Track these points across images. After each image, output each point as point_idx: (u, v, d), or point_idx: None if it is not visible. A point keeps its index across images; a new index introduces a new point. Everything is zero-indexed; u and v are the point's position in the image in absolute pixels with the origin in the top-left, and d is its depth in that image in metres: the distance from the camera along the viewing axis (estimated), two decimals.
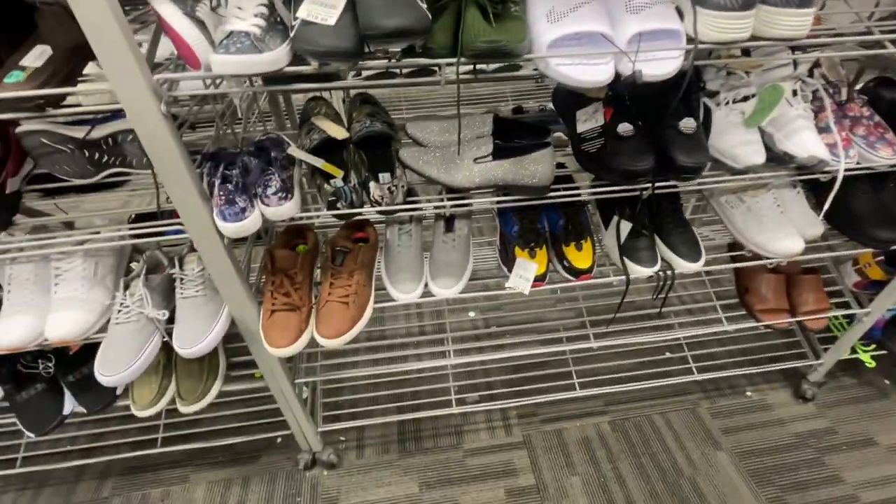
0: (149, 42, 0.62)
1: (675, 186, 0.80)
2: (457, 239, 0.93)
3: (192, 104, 0.74)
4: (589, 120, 0.79)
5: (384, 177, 0.72)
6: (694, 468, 1.22)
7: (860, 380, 1.41)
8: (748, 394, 1.39)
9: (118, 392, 0.94)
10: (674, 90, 0.82)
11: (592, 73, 0.61)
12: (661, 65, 0.62)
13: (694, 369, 1.32)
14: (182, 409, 0.94)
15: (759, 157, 0.79)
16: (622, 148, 0.76)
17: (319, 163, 0.73)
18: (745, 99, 0.82)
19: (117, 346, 0.80)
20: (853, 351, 1.34)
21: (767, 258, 0.98)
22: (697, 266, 0.95)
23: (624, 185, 0.79)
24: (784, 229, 0.96)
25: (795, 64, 0.81)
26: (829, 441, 1.27)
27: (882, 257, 1.17)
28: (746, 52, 0.83)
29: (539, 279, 0.91)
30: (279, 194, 0.68)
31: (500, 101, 1.69)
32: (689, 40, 0.63)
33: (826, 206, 0.85)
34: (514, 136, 0.80)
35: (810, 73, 0.83)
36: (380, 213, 0.76)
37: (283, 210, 0.69)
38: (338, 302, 0.82)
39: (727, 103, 0.83)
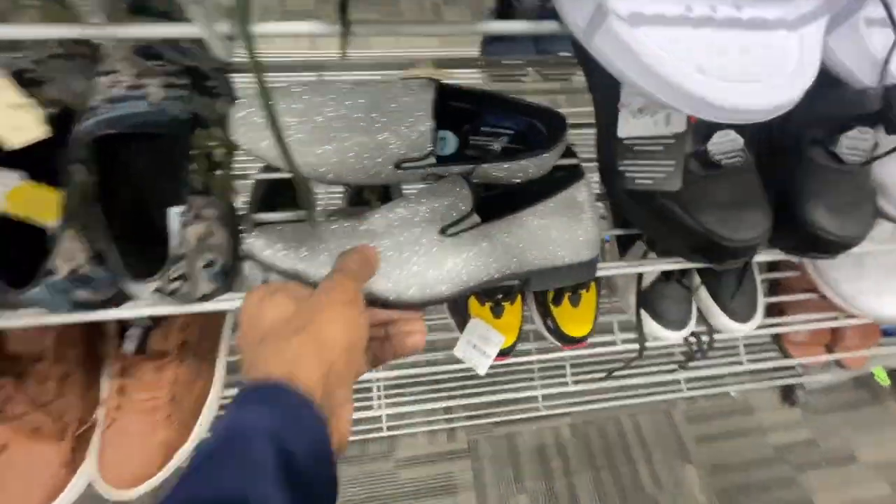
0: None
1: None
2: None
3: None
4: (646, 113, 0.36)
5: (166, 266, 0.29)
6: (658, 486, 1.07)
7: (857, 381, 1.24)
8: (732, 394, 1.20)
9: None
10: None
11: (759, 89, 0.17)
12: None
13: (682, 378, 1.09)
14: None
15: None
16: (709, 188, 0.35)
17: None
18: None
19: None
20: None
21: (850, 314, 0.65)
22: (748, 328, 0.61)
23: (692, 260, 0.40)
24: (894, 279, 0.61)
25: None
26: (808, 456, 1.13)
27: None
28: None
29: (504, 352, 0.56)
30: None
31: None
32: None
33: None
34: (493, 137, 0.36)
35: None
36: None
37: None
38: (139, 415, 0.45)
39: None
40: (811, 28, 0.18)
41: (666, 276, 0.59)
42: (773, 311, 0.91)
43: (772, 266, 0.84)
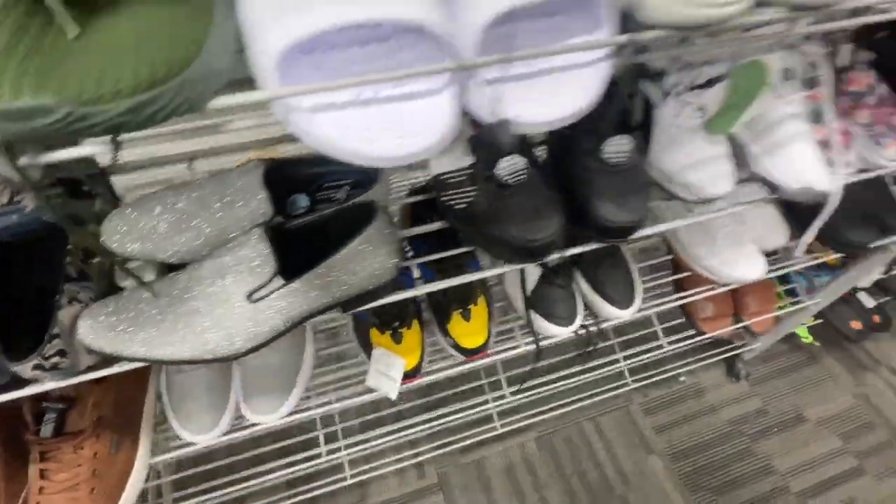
0: None
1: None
2: None
3: None
4: (449, 152, 0.44)
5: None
6: (625, 482, 1.10)
7: (791, 344, 1.32)
8: (681, 379, 1.26)
9: None
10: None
11: (395, 138, 0.25)
12: (565, 91, 0.27)
13: (626, 370, 1.15)
14: None
15: (725, 184, 0.50)
16: (507, 204, 0.43)
17: None
18: (709, 84, 0.49)
19: None
20: None
21: (718, 284, 0.73)
22: (628, 314, 0.69)
23: (515, 262, 0.47)
24: (744, 248, 0.70)
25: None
26: (760, 424, 1.19)
27: None
28: None
29: (410, 374, 0.61)
30: None
31: None
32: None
33: (807, 239, 0.59)
34: (302, 197, 0.43)
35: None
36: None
37: None
38: (62, 495, 0.48)
39: (679, 92, 0.50)
40: (446, 94, 0.26)
41: (544, 279, 0.67)
42: (679, 290, 1.00)
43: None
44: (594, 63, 0.27)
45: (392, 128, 0.25)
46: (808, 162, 0.47)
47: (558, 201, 0.44)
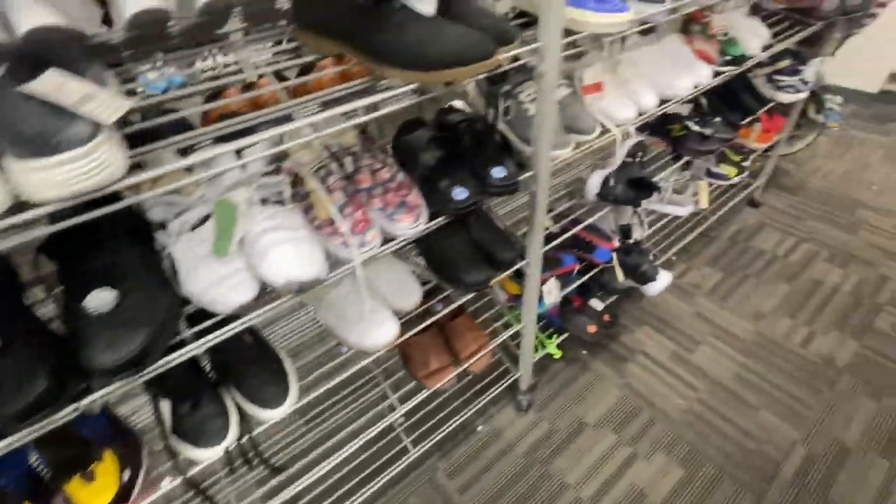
0: None
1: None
2: None
3: None
4: None
5: None
6: None
7: (564, 362, 1.48)
8: (479, 429, 1.33)
9: None
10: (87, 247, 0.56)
11: None
12: None
13: (409, 446, 1.18)
14: None
15: (247, 291, 0.60)
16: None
17: None
18: (205, 220, 0.61)
19: None
20: (542, 345, 1.38)
21: (370, 354, 0.83)
22: (282, 411, 0.74)
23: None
24: (374, 316, 0.82)
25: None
26: (550, 445, 1.28)
27: None
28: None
29: None
30: None
31: None
32: None
33: (365, 306, 0.71)
34: None
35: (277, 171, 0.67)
36: None
37: None
38: None
39: (183, 232, 0.60)
40: None
41: (176, 408, 0.70)
42: (406, 358, 1.09)
43: None
44: None
45: None
46: (283, 262, 0.59)
47: (44, 365, 0.50)
